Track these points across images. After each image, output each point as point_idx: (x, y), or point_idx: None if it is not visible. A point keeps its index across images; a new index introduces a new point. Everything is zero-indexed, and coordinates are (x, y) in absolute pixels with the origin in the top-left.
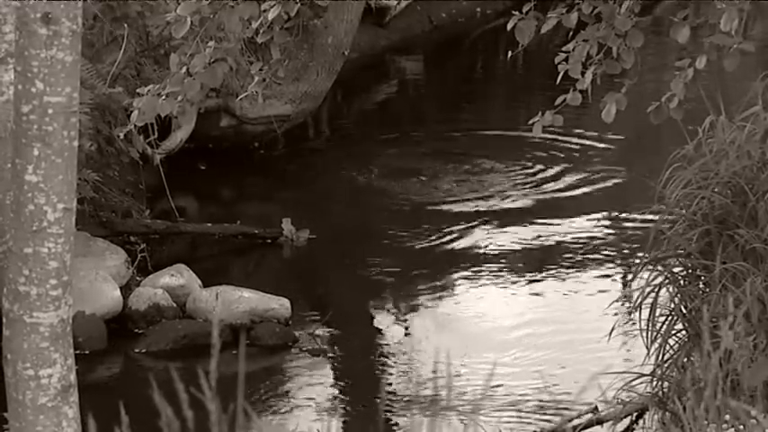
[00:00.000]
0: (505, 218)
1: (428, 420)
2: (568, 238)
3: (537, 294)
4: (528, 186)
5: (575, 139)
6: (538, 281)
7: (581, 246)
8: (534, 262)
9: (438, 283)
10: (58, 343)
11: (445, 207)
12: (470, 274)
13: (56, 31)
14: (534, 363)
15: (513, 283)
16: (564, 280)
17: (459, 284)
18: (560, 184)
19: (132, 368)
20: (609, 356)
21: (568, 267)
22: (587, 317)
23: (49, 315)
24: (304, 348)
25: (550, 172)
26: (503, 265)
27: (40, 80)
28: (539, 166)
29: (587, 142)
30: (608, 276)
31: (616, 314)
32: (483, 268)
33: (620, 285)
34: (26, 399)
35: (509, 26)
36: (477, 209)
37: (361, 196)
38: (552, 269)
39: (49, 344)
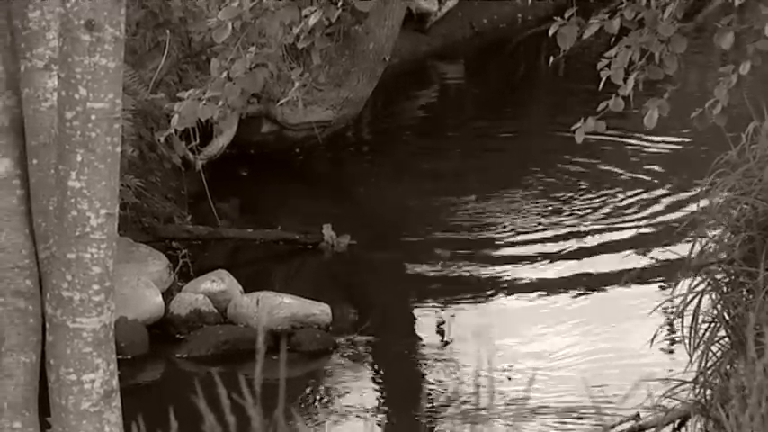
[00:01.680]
0: (548, 223)
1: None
2: (611, 243)
3: (578, 301)
4: (569, 192)
5: (618, 145)
6: (579, 287)
7: (623, 252)
8: (576, 269)
9: (479, 291)
10: (101, 348)
11: (487, 214)
12: (511, 281)
13: (99, 37)
14: (576, 369)
15: (555, 289)
16: (606, 286)
17: (501, 291)
18: (603, 190)
19: (174, 373)
20: (651, 363)
21: (610, 274)
22: (629, 323)
23: (92, 320)
24: (344, 354)
25: (593, 178)
26: (544, 272)
27: (84, 86)
28: (580, 173)
29: (630, 147)
30: (650, 283)
31: (659, 321)
32: (524, 275)
33: (662, 292)
34: (69, 404)
35: (551, 32)
36: (519, 215)
37: (402, 202)
38: (594, 276)
39: (91, 349)
